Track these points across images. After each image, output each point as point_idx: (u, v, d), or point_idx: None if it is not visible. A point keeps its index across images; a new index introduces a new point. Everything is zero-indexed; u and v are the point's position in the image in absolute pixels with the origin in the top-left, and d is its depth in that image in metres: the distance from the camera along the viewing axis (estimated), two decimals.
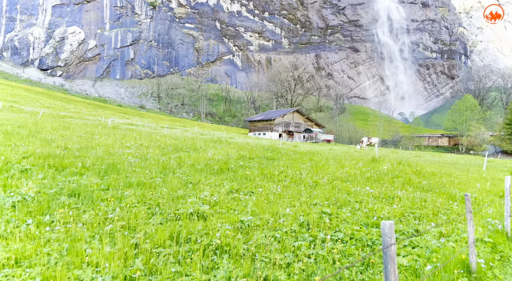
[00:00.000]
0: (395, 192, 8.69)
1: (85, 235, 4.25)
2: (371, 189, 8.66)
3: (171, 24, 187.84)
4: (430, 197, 8.67)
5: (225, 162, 11.33)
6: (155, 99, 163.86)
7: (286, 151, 17.60)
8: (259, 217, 5.53)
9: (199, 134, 34.52)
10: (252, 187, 7.95)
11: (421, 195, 8.90)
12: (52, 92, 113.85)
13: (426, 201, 8.14)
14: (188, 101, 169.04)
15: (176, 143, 16.38)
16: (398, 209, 7.03)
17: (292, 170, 11.00)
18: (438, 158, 25.79)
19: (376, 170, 12.33)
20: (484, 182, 12.52)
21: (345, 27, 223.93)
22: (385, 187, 9.43)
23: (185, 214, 5.55)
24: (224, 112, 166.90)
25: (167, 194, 6.65)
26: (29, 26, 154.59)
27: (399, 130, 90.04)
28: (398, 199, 7.92)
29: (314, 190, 8.34)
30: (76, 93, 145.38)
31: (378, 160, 15.92)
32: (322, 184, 9.12)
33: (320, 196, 7.54)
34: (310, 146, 31.13)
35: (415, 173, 12.57)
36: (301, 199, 7.10)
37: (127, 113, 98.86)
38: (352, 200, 7.51)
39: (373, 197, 8.00)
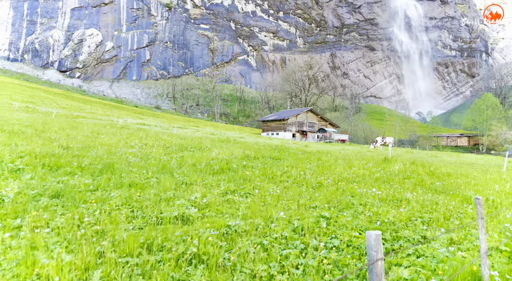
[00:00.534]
0: (404, 194, 8.11)
1: (50, 241, 3.91)
2: (378, 191, 8.09)
3: (186, 25, 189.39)
4: (443, 200, 8.05)
5: (227, 162, 10.94)
6: (170, 99, 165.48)
7: (295, 151, 17.10)
8: (249, 222, 5.09)
9: (210, 134, 34.32)
10: (250, 188, 7.53)
11: (432, 197, 8.29)
12: (70, 93, 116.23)
13: (437, 204, 7.54)
14: (202, 102, 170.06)
15: (183, 142, 16.11)
16: (405, 212, 6.46)
17: (297, 170, 10.52)
18: (455, 158, 24.75)
19: (386, 171, 11.71)
20: (503, 183, 11.73)
21: (361, 25, 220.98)
22: (394, 188, 8.85)
23: (168, 218, 5.16)
24: (238, 112, 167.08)
25: (156, 195, 6.29)
26: (49, 29, 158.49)
27: (416, 130, 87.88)
28: (406, 202, 7.35)
29: (316, 191, 7.85)
30: (93, 94, 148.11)
31: (390, 160, 15.25)
32: (326, 185, 8.62)
33: (321, 198, 7.05)
34: (322, 146, 30.45)
35: (428, 174, 11.89)
36: (301, 202, 6.64)
37: (142, 114, 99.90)
38: (356, 202, 6.99)
39: (379, 200, 7.45)
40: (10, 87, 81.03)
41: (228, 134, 37.01)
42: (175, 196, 6.36)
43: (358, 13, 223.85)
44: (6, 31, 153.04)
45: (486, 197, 8.82)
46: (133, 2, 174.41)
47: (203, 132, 36.98)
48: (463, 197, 8.77)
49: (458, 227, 5.99)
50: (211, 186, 7.43)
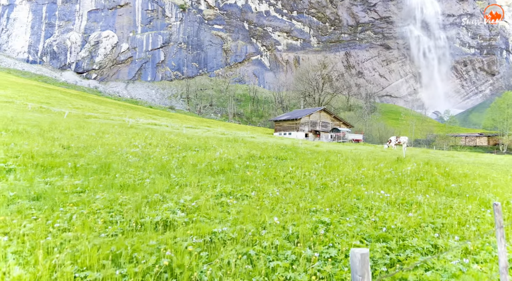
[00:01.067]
0: (415, 196, 7.49)
1: (8, 251, 3.51)
2: (386, 193, 7.49)
3: (200, 26, 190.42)
4: (458, 203, 7.40)
5: (230, 162, 10.51)
6: (184, 100, 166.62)
7: (303, 151, 16.54)
8: (239, 228, 4.60)
9: (220, 133, 34.01)
10: (248, 190, 7.06)
11: (446, 200, 7.64)
12: (86, 94, 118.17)
13: (451, 208, 6.90)
14: (216, 102, 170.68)
15: (188, 142, 15.78)
16: (415, 217, 5.86)
17: (302, 171, 10.00)
18: (474, 158, 23.69)
19: (398, 172, 11.06)
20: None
21: (376, 24, 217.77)
22: (405, 190, 8.23)
23: (148, 224, 4.73)
24: (252, 112, 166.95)
25: (144, 197, 5.87)
26: (66, 31, 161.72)
27: (432, 130, 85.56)
28: (417, 206, 6.74)
29: (319, 193, 7.32)
30: (109, 95, 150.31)
31: (404, 160, 14.53)
32: (331, 187, 8.08)
33: (324, 201, 6.52)
34: (334, 146, 29.70)
35: (443, 175, 11.17)
36: (301, 205, 6.12)
37: (156, 114, 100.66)
38: (361, 206, 6.42)
39: (387, 203, 6.86)
40: (28, 89, 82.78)
41: (239, 134, 36.62)
42: (165, 198, 5.91)
43: (373, 11, 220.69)
44: (25, 34, 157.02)
45: (507, 201, 8.11)
46: (148, 3, 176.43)
47: (214, 132, 36.72)
48: (480, 200, 8.09)
49: (474, 236, 5.39)
50: (207, 188, 6.99)
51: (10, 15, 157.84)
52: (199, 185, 7.18)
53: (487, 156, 30.76)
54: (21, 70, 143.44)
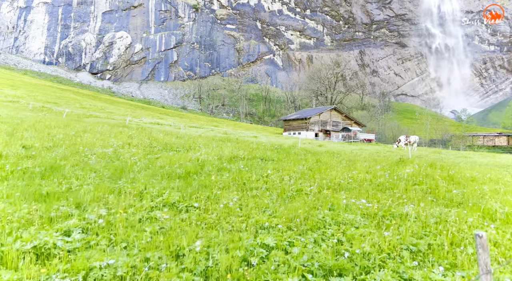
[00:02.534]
0: (403, 207, 6.18)
1: None
2: (369, 202, 6.22)
3: (213, 25, 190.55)
4: (456, 215, 6.08)
5: (203, 164, 9.40)
6: (196, 100, 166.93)
7: (298, 151, 15.29)
8: (139, 258, 3.41)
9: (223, 133, 32.99)
10: (200, 199, 5.90)
11: (442, 211, 6.31)
12: (99, 95, 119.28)
13: (446, 222, 5.59)
14: (228, 102, 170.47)
15: (175, 142, 14.76)
16: (393, 237, 4.58)
17: (282, 174, 8.80)
18: (489, 159, 21.91)
19: (394, 175, 9.73)
20: None
21: (391, 21, 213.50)
22: (394, 198, 6.93)
23: (13, 254, 3.53)
24: (264, 112, 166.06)
25: (46, 210, 4.75)
26: (81, 32, 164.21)
27: (448, 129, 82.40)
28: (401, 219, 5.45)
29: (288, 202, 6.12)
30: (122, 95, 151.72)
31: (406, 162, 13.13)
32: (306, 194, 6.87)
33: (285, 213, 5.32)
34: (340, 146, 28.23)
35: (446, 179, 9.77)
36: (252, 220, 4.93)
37: (167, 114, 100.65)
38: (331, 220, 5.18)
39: (365, 216, 5.59)
40: (41, 89, 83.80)
41: (243, 134, 35.55)
42: (71, 214, 4.71)
43: (388, 8, 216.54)
44: (42, 36, 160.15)
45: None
46: (161, 4, 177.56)
47: (217, 131, 35.73)
48: (485, 210, 6.71)
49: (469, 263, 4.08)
50: (151, 196, 5.86)
51: (27, 17, 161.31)
52: (142, 193, 6.07)
53: (505, 157, 28.74)
54: (37, 71, 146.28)
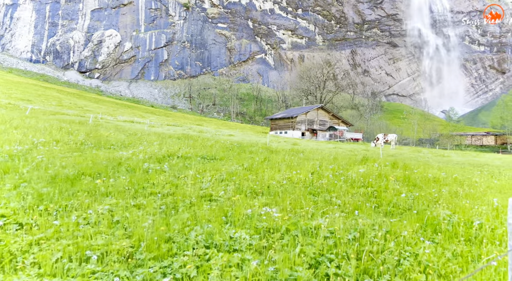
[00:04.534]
0: (318, 220, 4.92)
1: None
2: (281, 212, 4.96)
3: (204, 24, 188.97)
4: (391, 226, 4.90)
5: (118, 164, 8.13)
6: (187, 99, 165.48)
7: (256, 150, 14.07)
8: None
9: (198, 131, 31.70)
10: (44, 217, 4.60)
11: (376, 221, 5.13)
12: (85, 93, 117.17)
13: (365, 236, 4.38)
14: (219, 101, 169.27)
15: (120, 139, 13.45)
16: (266, 267, 3.31)
17: (209, 174, 7.56)
18: (468, 158, 20.94)
19: (345, 175, 8.56)
20: (510, 194, 8.38)
21: (383, 21, 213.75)
22: (319, 206, 5.74)
23: None
24: (255, 112, 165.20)
25: None
26: (69, 30, 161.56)
27: (437, 128, 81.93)
28: (307, 236, 4.22)
29: (175, 214, 4.85)
30: (111, 94, 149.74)
31: (370, 160, 11.99)
32: (213, 200, 5.65)
33: (144, 232, 4.02)
34: (317, 145, 27.09)
35: (404, 180, 8.63)
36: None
37: (154, 113, 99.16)
38: (205, 240, 3.83)
39: (266, 231, 4.32)
40: (22, 87, 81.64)
41: (221, 132, 34.31)
42: None
43: (380, 8, 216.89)
44: (29, 33, 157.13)
45: (468, 219, 5.56)
46: (151, 2, 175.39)
47: (194, 129, 34.44)
48: (429, 220, 5.54)
49: None
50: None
51: (13, 15, 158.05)
52: None
53: (488, 156, 27.88)
54: (23, 70, 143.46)
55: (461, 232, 4.99)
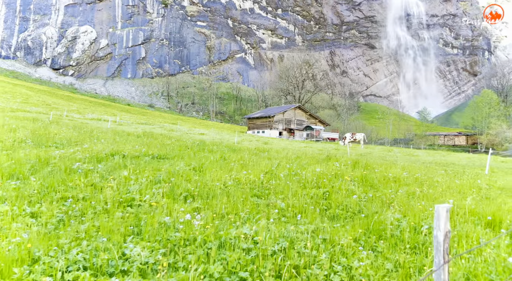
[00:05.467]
0: (243, 228, 4.31)
1: None
2: (201, 220, 4.28)
3: (183, 22, 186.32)
4: (331, 234, 4.34)
5: (45, 163, 7.30)
6: (165, 98, 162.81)
7: (216, 149, 13.39)
8: None
9: (168, 130, 30.71)
10: None
11: (319, 226, 4.55)
12: (57, 91, 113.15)
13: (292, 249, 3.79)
14: (198, 100, 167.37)
15: (70, 137, 12.49)
16: None
17: (147, 175, 6.85)
18: (437, 157, 20.98)
19: (298, 175, 8.01)
20: (470, 193, 8.07)
21: (361, 23, 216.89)
22: (256, 211, 5.13)
23: None
24: (235, 111, 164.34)
25: None
26: (42, 26, 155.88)
27: (411, 128, 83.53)
28: (224, 249, 3.58)
29: (61, 226, 4.12)
30: (85, 92, 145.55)
31: (332, 159, 11.54)
32: (135, 205, 4.97)
33: None
34: (289, 144, 26.64)
35: (361, 180, 8.17)
36: None
37: (129, 112, 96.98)
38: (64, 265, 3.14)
39: (177, 243, 3.65)
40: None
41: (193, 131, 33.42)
42: None
43: (358, 10, 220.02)
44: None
45: (419, 223, 5.08)
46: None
47: (164, 128, 33.40)
48: (376, 224, 5.02)
49: None
50: None
51: None
52: None
53: (457, 155, 28.20)
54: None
55: (408, 239, 4.49)
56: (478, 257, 4.12)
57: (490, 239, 4.89)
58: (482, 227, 5.54)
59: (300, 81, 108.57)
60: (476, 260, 4.03)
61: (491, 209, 6.47)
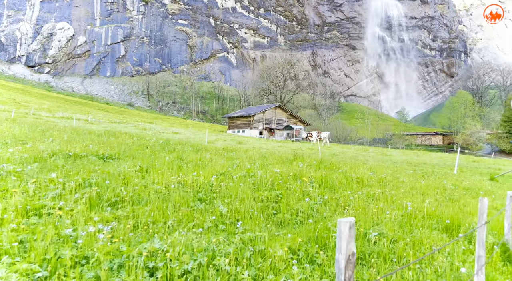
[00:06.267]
0: (155, 242, 3.70)
1: None
2: (103, 232, 3.68)
3: (164, 20, 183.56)
4: (263, 245, 3.80)
5: None
6: (145, 97, 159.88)
7: (184, 148, 12.74)
8: None
9: (141, 129, 29.73)
10: None
11: (252, 235, 4.01)
12: (30, 89, 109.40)
13: (214, 262, 3.24)
14: (179, 99, 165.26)
15: (17, 134, 11.60)
16: None
17: (81, 177, 6.17)
18: (410, 156, 20.90)
19: (254, 177, 7.48)
20: (433, 195, 7.73)
21: (342, 24, 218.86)
22: (178, 221, 4.56)
23: None
24: (217, 110, 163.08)
25: None
26: (16, 21, 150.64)
27: (389, 128, 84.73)
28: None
29: None
30: (62, 90, 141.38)
31: (299, 159, 11.08)
32: (46, 214, 4.31)
33: None
34: (264, 144, 26.14)
35: (321, 181, 7.70)
36: None
37: (107, 111, 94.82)
38: None
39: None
40: None
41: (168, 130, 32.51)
42: None
43: (339, 11, 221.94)
44: None
45: (369, 229, 4.61)
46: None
47: (138, 127, 32.39)
48: (321, 231, 4.52)
49: None
50: None
51: None
52: None
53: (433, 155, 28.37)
54: None
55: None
56: (429, 268, 3.68)
57: (446, 243, 4.49)
58: (439, 232, 5.14)
59: (281, 81, 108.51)
60: (425, 271, 3.59)
61: (451, 211, 6.10)
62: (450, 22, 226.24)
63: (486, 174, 13.58)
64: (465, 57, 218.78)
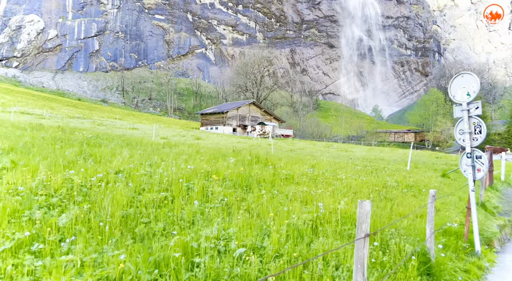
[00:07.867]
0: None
1: None
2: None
3: (140, 15, 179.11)
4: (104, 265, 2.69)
5: None
6: (120, 93, 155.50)
7: (118, 144, 11.47)
8: None
9: (97, 124, 28.04)
10: None
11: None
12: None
13: None
14: (156, 96, 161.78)
15: None
16: None
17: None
18: (373, 152, 20.32)
19: (153, 175, 6.37)
20: (367, 194, 6.85)
21: (320, 22, 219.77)
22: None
23: None
24: (194, 107, 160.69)
25: None
26: None
27: (363, 126, 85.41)
28: None
29: None
30: (30, 85, 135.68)
31: (233, 155, 10.03)
32: None
33: None
34: (225, 140, 25.02)
35: (237, 179, 6.66)
36: None
37: (76, 107, 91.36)
38: None
39: None
40: None
41: (132, 126, 30.92)
42: None
43: (317, 9, 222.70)
44: None
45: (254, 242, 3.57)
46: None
47: (95, 122, 30.63)
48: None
49: None
50: None
51: None
52: None
53: (398, 151, 28.03)
54: None
55: (229, 264, 2.94)
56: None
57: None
58: (349, 240, 4.19)
59: (258, 78, 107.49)
60: None
61: (377, 213, 5.19)
62: (425, 22, 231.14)
63: (441, 170, 13.01)
64: (439, 57, 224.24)
